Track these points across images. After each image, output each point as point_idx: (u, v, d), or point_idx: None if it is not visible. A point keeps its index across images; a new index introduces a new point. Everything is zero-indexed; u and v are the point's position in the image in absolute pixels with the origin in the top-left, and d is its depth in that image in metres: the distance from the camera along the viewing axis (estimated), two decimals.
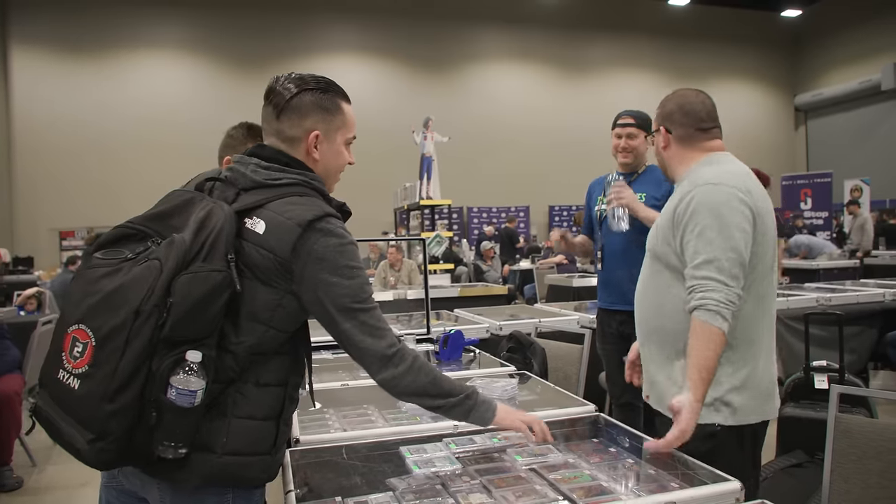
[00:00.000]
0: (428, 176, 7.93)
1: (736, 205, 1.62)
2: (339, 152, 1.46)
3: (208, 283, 1.20)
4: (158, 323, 1.17)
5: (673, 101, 1.83)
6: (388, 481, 1.44)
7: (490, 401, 1.50)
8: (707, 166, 1.75)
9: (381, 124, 13.68)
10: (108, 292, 1.19)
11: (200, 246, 1.23)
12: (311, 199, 1.35)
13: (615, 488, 1.38)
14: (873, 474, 1.58)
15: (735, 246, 1.60)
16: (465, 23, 15.97)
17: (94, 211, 12.87)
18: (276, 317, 1.31)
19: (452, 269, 8.11)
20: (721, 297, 1.56)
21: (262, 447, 1.32)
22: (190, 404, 1.19)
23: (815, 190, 12.38)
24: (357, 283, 1.34)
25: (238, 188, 1.36)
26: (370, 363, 1.37)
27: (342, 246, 1.32)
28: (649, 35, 17.08)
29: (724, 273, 1.58)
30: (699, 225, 1.63)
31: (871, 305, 4.94)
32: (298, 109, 1.39)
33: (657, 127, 1.86)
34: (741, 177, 1.69)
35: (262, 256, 1.29)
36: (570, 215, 16.17)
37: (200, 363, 1.20)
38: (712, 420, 1.65)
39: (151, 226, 1.31)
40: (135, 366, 1.16)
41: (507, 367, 2.56)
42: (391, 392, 1.41)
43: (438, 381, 1.42)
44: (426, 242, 3.59)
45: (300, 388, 1.44)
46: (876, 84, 15.71)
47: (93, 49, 13.47)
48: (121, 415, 1.16)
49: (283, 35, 14.42)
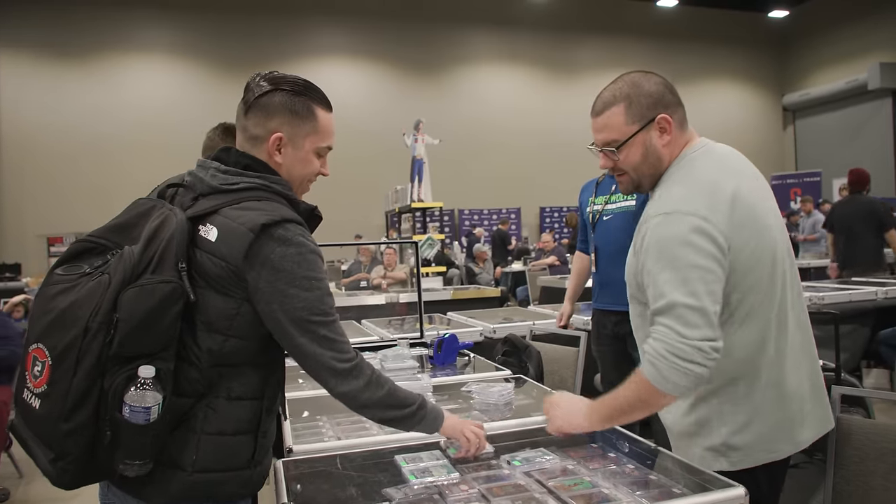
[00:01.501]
0: (419, 178, 7.91)
1: (691, 239, 1.35)
2: (305, 160, 1.37)
3: (155, 295, 1.16)
4: (106, 340, 1.13)
5: (647, 81, 1.51)
6: (384, 491, 1.40)
7: (439, 410, 1.50)
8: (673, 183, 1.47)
9: (372, 127, 13.65)
10: (62, 310, 1.17)
11: (150, 257, 1.19)
12: (269, 204, 1.28)
13: (617, 495, 1.35)
14: (876, 476, 1.56)
15: (693, 290, 1.33)
16: (455, 25, 15.96)
17: (82, 216, 12.71)
18: (236, 325, 1.26)
19: (444, 272, 8.08)
20: (662, 349, 1.33)
21: (237, 462, 1.28)
22: (145, 421, 1.14)
23: (804, 189, 12.49)
24: (316, 295, 1.26)
25: (196, 193, 1.31)
26: (327, 377, 1.32)
27: (301, 255, 1.25)
28: (638, 37, 17.13)
29: (680, 322, 1.32)
30: (653, 265, 1.39)
31: (864, 304, 4.95)
32: (265, 108, 1.33)
33: (650, 118, 1.49)
34: (703, 194, 1.40)
35: (215, 265, 1.23)
36: (561, 216, 16.17)
37: (156, 378, 1.15)
38: (719, 467, 1.47)
39: (112, 238, 1.28)
40: (86, 384, 1.13)
41: (502, 371, 2.53)
42: (350, 405, 1.37)
43: (394, 392, 1.40)
44: (419, 245, 3.56)
45: (276, 399, 1.39)
46: (862, 84, 15.82)
47: (81, 53, 13.37)
48: (77, 434, 1.13)
49: (272, 39, 14.36)
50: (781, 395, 1.46)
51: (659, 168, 1.51)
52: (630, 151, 1.50)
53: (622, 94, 1.49)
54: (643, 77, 1.51)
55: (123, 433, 1.15)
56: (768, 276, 1.44)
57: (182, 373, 1.23)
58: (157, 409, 1.16)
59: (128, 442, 1.15)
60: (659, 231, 1.40)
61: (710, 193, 1.41)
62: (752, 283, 1.42)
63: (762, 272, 1.43)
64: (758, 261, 1.43)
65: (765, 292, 1.44)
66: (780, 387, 1.46)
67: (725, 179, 1.44)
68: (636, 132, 1.48)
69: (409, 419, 1.43)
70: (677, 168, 1.50)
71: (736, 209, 1.41)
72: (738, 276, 1.41)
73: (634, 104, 1.48)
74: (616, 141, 1.50)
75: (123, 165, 13.20)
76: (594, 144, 1.56)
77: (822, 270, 8.11)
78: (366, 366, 1.36)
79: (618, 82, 1.52)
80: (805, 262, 8.54)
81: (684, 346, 1.32)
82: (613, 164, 1.54)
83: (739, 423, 1.46)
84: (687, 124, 1.55)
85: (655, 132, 1.48)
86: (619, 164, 1.52)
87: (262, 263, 1.23)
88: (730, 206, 1.40)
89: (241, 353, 1.28)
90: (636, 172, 1.53)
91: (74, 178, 13.19)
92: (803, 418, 1.49)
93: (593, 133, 1.55)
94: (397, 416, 1.41)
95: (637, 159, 1.50)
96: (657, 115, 1.48)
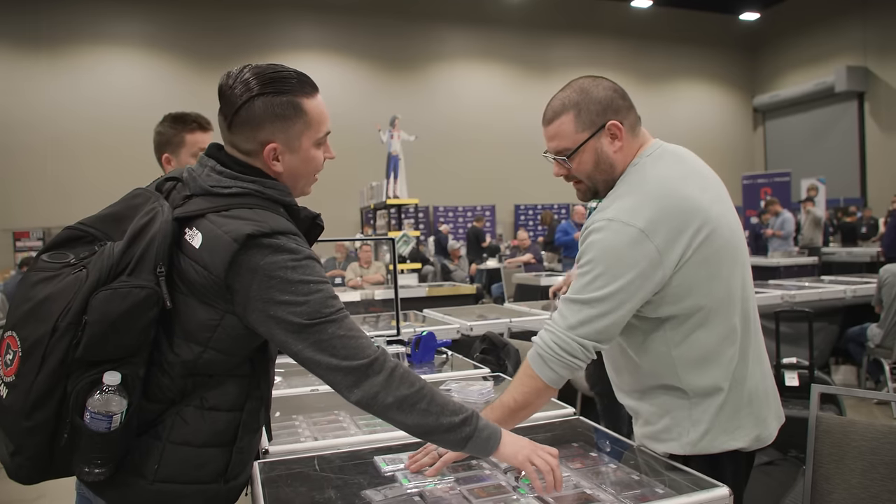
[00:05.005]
0: (395, 175, 7.86)
1: (627, 250, 1.36)
2: (307, 158, 1.27)
3: (128, 300, 1.09)
4: (73, 342, 1.07)
5: (596, 87, 1.47)
6: (363, 493, 1.36)
7: (494, 429, 1.29)
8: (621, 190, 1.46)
9: (346, 123, 13.48)
10: (39, 301, 1.11)
11: (130, 258, 1.12)
12: (259, 213, 1.18)
13: (600, 496, 1.33)
14: (855, 474, 1.56)
15: (608, 296, 1.36)
16: (430, 22, 15.91)
17: (50, 210, 12.42)
18: (216, 338, 1.18)
19: (419, 269, 8.05)
20: (550, 341, 1.39)
21: (203, 476, 1.22)
22: (106, 429, 1.09)
23: (774, 189, 12.66)
24: (317, 298, 1.16)
25: (189, 192, 1.23)
26: (338, 383, 1.19)
27: (295, 261, 1.15)
28: (613, 36, 17.25)
29: (578, 316, 1.37)
30: (583, 264, 1.42)
31: (834, 302, 5.05)
32: (249, 122, 1.21)
33: (600, 124, 1.45)
34: (647, 206, 1.38)
35: (197, 273, 1.15)
36: (535, 215, 16.23)
37: (122, 384, 1.10)
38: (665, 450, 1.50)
39: (102, 228, 1.22)
40: (49, 385, 1.07)
41: (480, 368, 2.50)
42: (373, 411, 1.20)
43: (429, 394, 1.22)
44: (395, 242, 3.52)
45: (260, 415, 1.31)
46: (830, 86, 16.15)
47: (50, 45, 12.98)
48: (36, 433, 1.09)
49: (244, 32, 14.14)
50: (743, 397, 1.47)
51: (612, 174, 1.49)
52: (582, 159, 1.48)
53: (571, 101, 1.47)
54: (592, 83, 1.49)
55: (83, 439, 1.10)
56: (726, 279, 1.44)
57: (153, 378, 1.18)
58: (119, 418, 1.10)
59: (87, 447, 1.11)
60: (597, 236, 1.41)
61: (656, 203, 1.39)
62: (706, 289, 1.41)
63: (718, 276, 1.43)
64: (712, 265, 1.41)
65: (723, 296, 1.44)
66: (741, 388, 1.47)
67: (677, 185, 1.43)
68: (586, 140, 1.46)
69: (451, 433, 1.23)
70: (630, 174, 1.48)
71: (681, 216, 1.39)
72: (690, 280, 1.40)
73: (584, 111, 1.46)
74: (567, 149, 1.48)
75: (93, 159, 12.90)
76: (547, 152, 1.54)
77: (792, 269, 8.26)
78: (388, 360, 1.21)
79: (566, 90, 1.50)
80: (775, 261, 8.67)
81: (570, 340, 1.39)
82: (567, 172, 1.53)
83: (703, 429, 1.45)
84: (640, 128, 1.52)
85: (606, 139, 1.47)
86: (571, 171, 1.51)
87: (252, 272, 1.14)
88: (675, 214, 1.39)
89: (218, 366, 1.21)
90: (590, 180, 1.51)
91: (42, 173, 12.83)
92: (765, 416, 1.51)
93: (546, 141, 1.53)
94: (434, 424, 1.21)
95: (589, 167, 1.49)
96: (607, 122, 1.46)
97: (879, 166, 15.86)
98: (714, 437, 1.45)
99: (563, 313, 1.42)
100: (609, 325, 1.39)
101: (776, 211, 10.04)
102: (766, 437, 1.50)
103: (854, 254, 10.13)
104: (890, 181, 14.92)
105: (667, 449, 1.50)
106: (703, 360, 1.44)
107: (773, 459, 2.68)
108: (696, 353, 1.44)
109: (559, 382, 1.43)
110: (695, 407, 1.46)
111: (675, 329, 1.44)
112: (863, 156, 16.35)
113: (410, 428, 1.24)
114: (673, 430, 1.48)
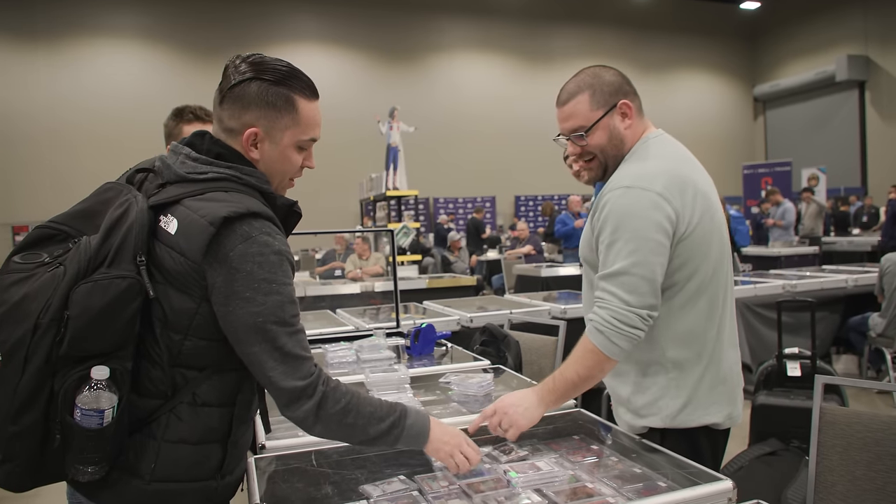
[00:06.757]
0: (394, 166, 7.82)
1: (649, 213, 1.45)
2: (284, 156, 1.25)
3: (110, 291, 1.07)
4: (56, 339, 1.05)
5: (607, 72, 1.60)
6: (361, 488, 1.34)
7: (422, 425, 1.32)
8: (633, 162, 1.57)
9: (345, 114, 13.46)
10: (15, 303, 1.08)
11: (108, 250, 1.10)
12: (236, 196, 1.16)
13: (601, 490, 1.31)
14: (860, 466, 1.55)
15: (643, 260, 1.44)
16: (430, 12, 15.82)
17: (50, 204, 12.27)
18: (195, 326, 1.16)
19: (419, 261, 8.03)
20: (608, 316, 1.45)
21: (201, 473, 1.20)
22: (98, 425, 1.06)
23: (775, 178, 12.62)
24: (275, 300, 1.13)
25: (163, 180, 1.21)
26: (276, 395, 1.18)
27: (263, 256, 1.13)
28: (612, 26, 17.17)
29: (625, 288, 1.44)
30: (609, 235, 1.49)
31: (835, 292, 5.03)
32: (240, 100, 1.20)
33: (612, 104, 1.58)
34: (661, 175, 1.49)
35: (174, 260, 1.13)
36: (536, 205, 16.20)
37: (111, 378, 1.07)
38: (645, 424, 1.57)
39: (74, 224, 1.18)
40: (34, 385, 1.05)
41: (480, 361, 2.48)
42: (305, 429, 1.22)
43: (356, 406, 1.23)
44: (394, 233, 3.49)
45: (252, 407, 1.30)
46: (831, 75, 16.08)
47: (48, 37, 12.94)
48: (25, 437, 1.06)
49: (242, 24, 14.07)
50: (719, 375, 1.56)
51: (622, 150, 1.61)
52: (596, 135, 1.60)
53: (585, 83, 1.60)
54: (602, 69, 1.63)
55: (75, 437, 1.07)
56: (716, 258, 1.55)
57: (144, 372, 1.16)
58: (111, 413, 1.08)
59: (80, 446, 1.08)
60: (619, 202, 1.49)
61: (668, 173, 1.51)
62: (700, 261, 1.52)
63: (711, 253, 1.54)
64: (708, 242, 1.53)
65: (713, 272, 1.54)
66: (718, 366, 1.56)
67: (681, 163, 1.57)
68: (601, 117, 1.58)
69: (380, 439, 1.27)
70: (638, 150, 1.60)
71: (689, 190, 1.51)
72: (689, 253, 1.50)
73: (598, 92, 1.59)
74: (583, 127, 1.60)
75: (91, 152, 12.84)
76: (560, 135, 1.67)
77: (792, 259, 8.24)
78: (319, 384, 1.19)
79: (580, 75, 1.64)
80: (775, 251, 8.65)
81: (628, 312, 1.44)
82: (580, 150, 1.63)
83: (682, 402, 1.54)
84: (643, 114, 1.65)
85: (618, 117, 1.59)
86: (585, 147, 1.62)
87: (222, 261, 1.12)
88: (684, 187, 1.50)
89: (204, 356, 1.19)
90: (603, 154, 1.62)
91: (40, 166, 12.80)
92: (736, 396, 1.61)
93: (560, 123, 1.65)
94: (362, 437, 1.25)
95: (603, 141, 1.60)
96: (619, 101, 1.59)
97: (880, 155, 15.81)
98: (692, 411, 1.54)
99: (608, 288, 1.47)
100: (653, 289, 1.46)
101: (777, 201, 10.00)
102: (736, 417, 1.60)
103: (854, 243, 10.10)
104: (890, 170, 14.88)
105: (646, 423, 1.57)
106: (688, 335, 1.53)
107: (775, 450, 2.67)
108: (682, 329, 1.53)
109: (620, 355, 1.48)
110: (673, 381, 1.55)
111: (665, 303, 1.52)
112: (863, 145, 16.29)
113: (342, 440, 1.29)
114: (653, 406, 1.56)
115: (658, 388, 1.56)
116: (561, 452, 1.53)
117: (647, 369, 1.57)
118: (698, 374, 1.54)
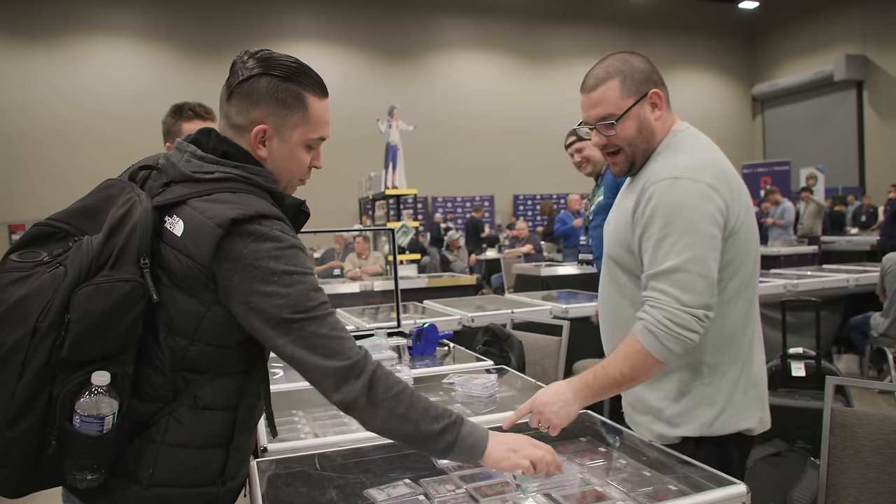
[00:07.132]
0: (393, 165, 7.79)
1: (702, 204, 1.35)
2: (292, 154, 1.22)
3: (112, 295, 1.04)
4: (56, 342, 1.01)
5: (637, 59, 1.51)
6: (366, 492, 1.32)
7: (479, 436, 1.19)
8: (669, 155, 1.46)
9: (344, 113, 13.34)
10: (13, 303, 1.04)
11: (111, 251, 1.06)
12: (244, 197, 1.13)
13: (612, 494, 1.29)
14: (873, 468, 1.52)
15: (699, 256, 1.34)
16: (429, 11, 15.79)
17: (48, 203, 12.25)
18: (202, 330, 1.13)
19: (418, 260, 8.00)
20: (662, 317, 1.34)
21: (201, 479, 1.17)
22: (98, 432, 1.04)
23: (774, 178, 12.64)
24: (299, 290, 1.10)
25: (168, 179, 1.17)
26: (320, 383, 1.13)
27: (279, 250, 1.10)
28: (611, 25, 17.14)
29: (680, 287, 1.33)
30: (658, 230, 1.38)
31: (836, 291, 5.01)
32: (249, 95, 1.17)
33: (643, 92, 1.48)
34: (708, 166, 1.41)
35: (181, 262, 1.10)
36: (535, 204, 16.18)
37: (111, 384, 1.04)
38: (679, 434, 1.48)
39: (74, 223, 1.14)
40: (32, 390, 1.01)
41: (483, 361, 2.46)
42: (352, 415, 1.15)
43: (411, 400, 1.15)
44: (394, 232, 3.46)
45: (255, 412, 1.26)
46: (829, 75, 16.09)
47: (46, 35, 12.88)
48: (21, 443, 1.02)
49: (240, 22, 14.02)
50: (751, 378, 1.50)
51: (651, 142, 1.51)
52: (626, 125, 1.49)
53: (616, 69, 1.49)
54: (632, 55, 1.53)
55: (74, 444, 1.04)
56: (753, 259, 1.48)
57: (144, 376, 1.12)
58: (112, 419, 1.05)
59: (78, 453, 1.05)
60: (667, 194, 1.38)
61: (713, 165, 1.43)
62: (744, 259, 1.44)
63: (752, 249, 1.47)
64: (750, 238, 1.46)
65: (751, 270, 1.48)
66: (750, 369, 1.49)
67: (721, 156, 1.49)
68: (631, 106, 1.48)
69: (431, 441, 1.15)
70: (670, 143, 1.50)
71: (734, 184, 1.44)
72: (735, 250, 1.42)
73: (629, 79, 1.48)
74: (612, 115, 1.48)
75: (89, 151, 12.79)
76: (583, 123, 1.54)
77: (792, 258, 8.23)
78: (369, 363, 1.14)
79: (609, 59, 1.52)
80: (775, 250, 8.63)
81: (682, 313, 1.34)
82: (606, 141, 1.52)
83: (718, 409, 1.46)
84: (670, 106, 1.55)
85: (648, 107, 1.49)
86: (613, 139, 1.50)
87: (234, 260, 1.08)
88: (730, 180, 1.43)
89: (208, 360, 1.16)
90: (630, 147, 1.51)
91: (38, 164, 12.74)
92: (765, 400, 1.54)
93: (585, 110, 1.52)
94: (413, 432, 1.14)
95: (632, 132, 1.49)
96: (650, 90, 1.49)
97: (878, 155, 15.82)
98: (727, 417, 1.46)
99: (661, 287, 1.36)
100: (710, 286, 1.35)
101: (776, 200, 10.00)
102: (766, 421, 1.53)
103: (853, 242, 10.09)
104: (888, 170, 14.89)
105: (680, 433, 1.48)
106: (728, 337, 1.45)
107: (780, 451, 2.65)
108: (722, 331, 1.44)
109: (671, 359, 1.38)
110: (709, 387, 1.46)
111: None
112: (861, 144, 16.30)
113: (389, 435, 1.18)
114: (688, 414, 1.47)
115: (694, 395, 1.46)
116: (569, 455, 1.51)
117: (682, 375, 1.47)
118: (734, 378, 1.46)
